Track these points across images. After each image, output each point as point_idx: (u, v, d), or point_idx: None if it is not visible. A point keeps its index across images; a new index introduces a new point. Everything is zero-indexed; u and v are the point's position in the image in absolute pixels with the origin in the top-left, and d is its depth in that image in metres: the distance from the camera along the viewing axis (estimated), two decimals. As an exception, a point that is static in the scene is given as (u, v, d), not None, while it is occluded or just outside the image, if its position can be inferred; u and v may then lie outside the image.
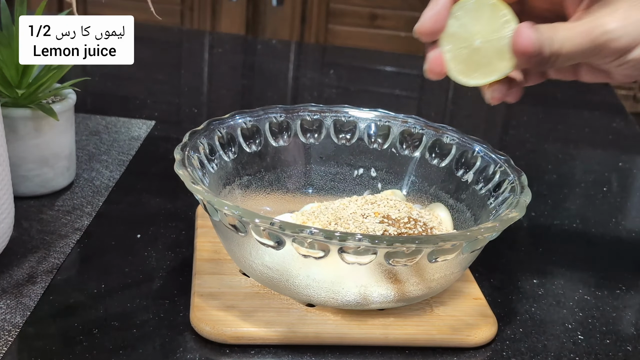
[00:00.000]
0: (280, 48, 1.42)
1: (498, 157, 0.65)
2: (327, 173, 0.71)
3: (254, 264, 0.56)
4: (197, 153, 0.61)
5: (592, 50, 0.53)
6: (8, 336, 0.53)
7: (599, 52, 0.53)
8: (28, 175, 0.71)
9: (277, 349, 0.55)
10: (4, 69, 0.68)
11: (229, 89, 1.15)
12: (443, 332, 0.57)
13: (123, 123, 0.92)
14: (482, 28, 0.54)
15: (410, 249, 0.51)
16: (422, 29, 0.54)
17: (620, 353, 0.59)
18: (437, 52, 0.55)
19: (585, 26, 0.52)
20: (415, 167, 0.70)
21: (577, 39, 0.52)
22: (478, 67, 0.55)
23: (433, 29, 0.54)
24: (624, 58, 0.53)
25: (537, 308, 0.63)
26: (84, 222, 0.69)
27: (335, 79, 1.23)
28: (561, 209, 0.83)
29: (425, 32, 0.54)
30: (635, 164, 1.01)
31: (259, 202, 0.68)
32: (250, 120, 0.68)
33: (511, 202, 0.59)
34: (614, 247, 0.77)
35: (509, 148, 0.99)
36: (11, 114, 0.68)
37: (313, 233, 0.50)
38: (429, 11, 0.54)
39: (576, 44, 0.52)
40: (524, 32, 0.52)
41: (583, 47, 0.52)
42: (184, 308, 0.58)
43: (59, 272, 0.62)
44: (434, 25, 0.54)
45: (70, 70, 0.73)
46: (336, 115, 0.71)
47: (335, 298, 0.55)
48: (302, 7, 2.19)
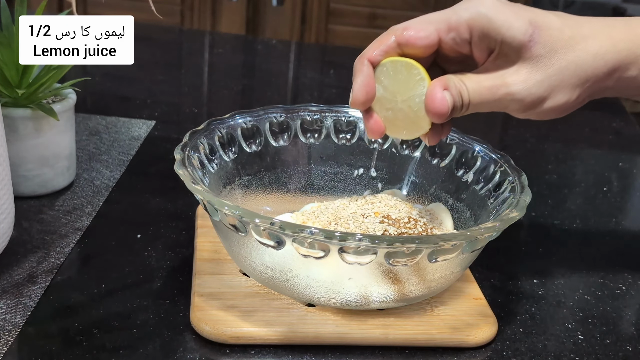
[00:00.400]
0: (280, 48, 1.42)
1: (498, 157, 0.65)
2: (327, 173, 0.71)
3: (254, 264, 0.56)
4: (197, 153, 0.61)
5: (498, 105, 0.56)
6: (8, 336, 0.53)
7: (505, 107, 0.56)
8: (28, 175, 0.71)
9: (277, 349, 0.55)
10: (4, 69, 0.68)
11: (229, 89, 1.15)
12: (443, 332, 0.57)
13: (123, 123, 0.92)
14: (401, 88, 0.56)
15: (410, 249, 0.51)
16: (356, 100, 0.57)
17: (620, 353, 0.59)
18: (374, 118, 0.58)
19: (492, 82, 0.55)
20: (415, 167, 0.70)
21: (485, 93, 0.55)
22: (404, 126, 0.58)
23: (366, 99, 0.57)
24: (532, 111, 0.56)
25: (537, 308, 0.63)
26: (84, 222, 0.69)
27: (335, 79, 1.23)
28: (561, 209, 0.83)
29: (359, 102, 0.57)
30: (635, 164, 1.01)
31: (259, 202, 0.68)
32: (250, 120, 0.68)
33: (511, 202, 0.59)
34: (614, 247, 0.77)
35: (509, 148, 0.99)
36: (11, 114, 0.68)
37: (313, 233, 0.50)
38: (357, 82, 0.56)
39: (483, 98, 0.55)
40: (437, 96, 0.54)
41: (489, 101, 0.55)
42: (184, 308, 0.58)
43: (59, 272, 0.62)
44: (366, 95, 0.57)
45: (71, 70, 0.73)
46: (336, 115, 0.71)
47: (335, 298, 0.55)
48: (302, 7, 2.19)
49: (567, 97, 0.56)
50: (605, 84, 0.56)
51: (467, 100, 0.55)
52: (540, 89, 0.55)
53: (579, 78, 0.55)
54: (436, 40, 0.55)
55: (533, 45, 0.54)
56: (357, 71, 0.56)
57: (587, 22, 0.56)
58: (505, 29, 0.53)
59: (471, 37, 0.55)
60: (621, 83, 0.57)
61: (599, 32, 0.56)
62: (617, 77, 0.56)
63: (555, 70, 0.54)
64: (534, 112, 0.56)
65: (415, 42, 0.55)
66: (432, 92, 0.54)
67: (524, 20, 0.54)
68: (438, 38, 0.55)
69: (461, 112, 0.56)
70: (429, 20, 0.55)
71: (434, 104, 0.54)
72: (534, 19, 0.54)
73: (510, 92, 0.54)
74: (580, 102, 0.57)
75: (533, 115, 0.57)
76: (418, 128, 0.57)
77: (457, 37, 0.55)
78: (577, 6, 2.30)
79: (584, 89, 0.56)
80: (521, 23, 0.53)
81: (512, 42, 0.54)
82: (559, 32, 0.54)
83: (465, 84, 0.55)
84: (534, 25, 0.54)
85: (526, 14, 0.54)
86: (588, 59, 0.55)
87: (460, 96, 0.55)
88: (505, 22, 0.53)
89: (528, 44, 0.53)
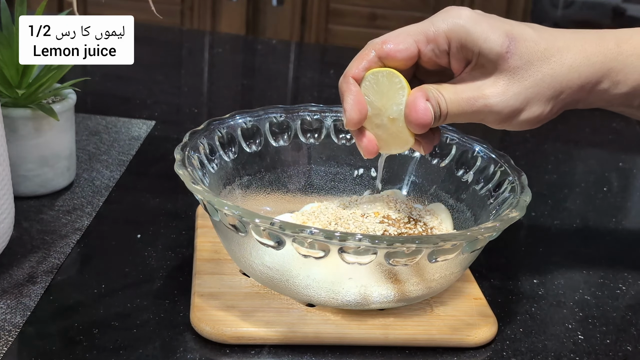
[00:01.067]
0: (280, 48, 1.42)
1: (498, 157, 0.65)
2: (327, 173, 0.71)
3: (254, 264, 0.56)
4: (197, 153, 0.61)
5: (475, 117, 0.56)
6: (8, 336, 0.53)
7: (482, 119, 0.56)
8: (28, 175, 0.71)
9: (277, 349, 0.55)
10: (4, 69, 0.68)
11: (229, 89, 1.15)
12: (443, 332, 0.57)
13: (123, 123, 0.92)
14: (384, 99, 0.57)
15: (410, 249, 0.51)
16: (351, 120, 0.57)
17: (620, 353, 0.59)
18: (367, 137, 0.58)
19: (470, 93, 0.55)
20: (415, 167, 0.70)
21: (463, 105, 0.55)
22: (393, 141, 0.58)
23: (360, 117, 0.57)
24: (508, 123, 0.57)
25: (537, 308, 0.63)
26: (84, 222, 0.69)
27: (336, 79, 1.23)
28: (561, 209, 0.83)
29: (354, 122, 0.57)
30: (635, 164, 1.01)
31: (259, 202, 0.68)
32: (250, 120, 0.68)
33: (511, 202, 0.59)
34: (614, 247, 0.77)
35: (509, 148, 0.99)
36: (11, 114, 0.68)
37: (313, 233, 0.50)
38: (348, 102, 0.57)
39: (461, 109, 0.56)
40: (420, 106, 0.55)
41: (467, 112, 0.56)
42: (184, 308, 0.58)
43: (59, 272, 0.62)
44: (359, 113, 0.57)
45: (70, 70, 0.73)
46: (336, 115, 0.71)
47: (335, 298, 0.55)
48: (302, 7, 2.19)
49: (541, 109, 0.56)
50: (578, 96, 0.57)
51: (445, 111, 0.55)
52: (517, 101, 0.55)
53: (554, 90, 0.56)
54: (416, 52, 0.56)
55: (510, 57, 0.54)
56: (345, 91, 0.57)
57: (561, 35, 0.57)
58: (482, 41, 0.54)
59: (449, 48, 0.55)
60: (594, 96, 0.58)
61: (573, 45, 0.56)
62: (590, 90, 0.57)
63: (531, 82, 0.55)
64: (510, 123, 0.57)
65: (396, 54, 0.56)
66: (414, 102, 0.55)
67: (501, 32, 0.54)
68: (417, 50, 0.56)
69: (438, 123, 0.56)
70: (408, 33, 0.56)
71: (417, 114, 0.55)
72: (510, 30, 0.54)
73: (488, 104, 0.55)
74: (554, 113, 0.57)
75: (508, 126, 0.57)
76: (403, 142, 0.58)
77: (436, 49, 0.55)
78: (577, 6, 2.30)
79: (558, 101, 0.56)
80: (498, 35, 0.54)
81: (490, 54, 0.54)
82: (534, 44, 0.55)
83: (442, 95, 0.55)
84: (510, 37, 0.54)
85: (502, 25, 0.55)
86: (563, 71, 0.55)
87: (438, 107, 0.55)
88: (482, 34, 0.54)
89: (505, 55, 0.54)
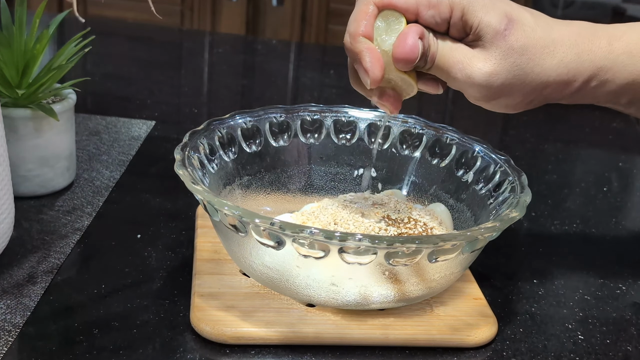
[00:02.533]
0: (280, 48, 1.42)
1: (498, 157, 0.65)
2: (327, 173, 0.71)
3: (254, 264, 0.56)
4: (197, 153, 0.61)
5: (455, 83, 0.56)
6: (8, 336, 0.53)
7: (462, 89, 0.56)
8: (28, 175, 0.71)
9: (277, 349, 0.55)
10: (4, 69, 0.68)
11: (229, 89, 1.15)
12: (443, 332, 0.57)
13: (123, 123, 0.92)
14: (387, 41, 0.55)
15: (410, 249, 0.51)
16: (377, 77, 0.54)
17: (620, 353, 0.59)
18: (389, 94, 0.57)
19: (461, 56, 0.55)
20: (415, 167, 0.70)
21: (450, 62, 0.55)
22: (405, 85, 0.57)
23: (382, 73, 0.54)
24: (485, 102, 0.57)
25: (537, 308, 0.63)
26: (84, 222, 0.69)
27: (335, 79, 1.23)
28: (561, 209, 0.83)
29: (379, 79, 0.54)
30: (635, 164, 1.01)
31: (259, 202, 0.68)
32: (250, 120, 0.68)
33: (511, 202, 0.59)
34: (614, 247, 0.77)
35: (509, 148, 0.99)
36: (11, 114, 0.68)
37: (313, 233, 0.50)
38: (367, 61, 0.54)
39: (446, 65, 0.55)
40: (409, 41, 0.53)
41: (449, 72, 0.55)
42: (184, 308, 0.58)
43: (59, 272, 0.62)
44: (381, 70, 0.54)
45: (70, 70, 0.73)
46: (336, 115, 0.71)
47: (336, 298, 0.55)
48: (302, 7, 2.19)
49: (522, 98, 0.56)
50: (563, 92, 0.57)
51: (433, 58, 0.55)
52: (501, 86, 0.55)
53: (540, 82, 0.55)
54: (414, 6, 0.54)
55: (506, 37, 0.54)
56: (361, 50, 0.54)
57: (557, 26, 0.56)
58: (483, 14, 0.54)
59: (451, 16, 0.55)
60: (580, 93, 0.57)
61: (567, 39, 0.56)
62: (578, 88, 0.57)
63: (520, 70, 0.54)
64: (487, 103, 0.57)
65: (396, 4, 0.54)
66: (405, 35, 0.54)
67: (501, 11, 0.54)
68: (417, 9, 0.55)
69: (423, 66, 0.55)
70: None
71: (404, 48, 0.53)
72: (509, 12, 0.54)
73: (473, 77, 0.54)
74: (534, 104, 0.57)
75: (485, 105, 0.57)
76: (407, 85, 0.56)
77: (437, 16, 0.55)
78: (577, 6, 2.30)
79: (541, 94, 0.56)
80: (497, 13, 0.54)
81: (487, 29, 0.54)
82: (531, 30, 0.54)
83: (437, 42, 0.55)
84: (509, 18, 0.54)
85: (502, 5, 0.54)
86: (553, 64, 0.55)
87: (428, 49, 0.54)
88: (483, 8, 0.54)
89: (502, 33, 0.54)
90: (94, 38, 0.75)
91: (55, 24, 0.73)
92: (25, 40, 0.70)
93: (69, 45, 0.72)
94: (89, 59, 1.16)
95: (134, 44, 1.31)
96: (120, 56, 1.24)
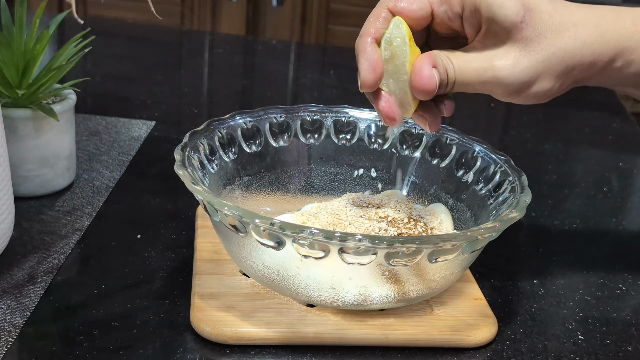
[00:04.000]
0: (280, 48, 1.42)
1: (498, 157, 0.65)
2: (327, 173, 0.71)
3: (254, 264, 0.56)
4: (197, 153, 0.61)
5: (483, 88, 0.55)
6: (8, 337, 0.53)
7: (490, 91, 0.55)
8: (28, 175, 0.71)
9: (277, 349, 0.55)
10: (4, 69, 0.68)
11: (229, 89, 1.15)
12: (443, 332, 0.57)
13: (123, 123, 0.92)
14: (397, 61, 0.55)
15: (410, 249, 0.51)
16: (367, 82, 0.55)
17: (620, 353, 0.59)
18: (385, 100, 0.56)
19: (479, 63, 0.54)
20: (415, 168, 0.70)
21: (471, 74, 0.54)
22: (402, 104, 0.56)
23: (375, 78, 0.55)
24: (516, 96, 0.56)
25: (537, 308, 0.63)
26: (84, 222, 0.69)
27: (335, 79, 1.23)
28: (561, 209, 0.83)
29: (370, 84, 0.55)
30: (635, 164, 1.01)
31: (259, 203, 0.68)
32: (250, 120, 0.68)
33: (511, 202, 0.59)
34: (614, 247, 0.77)
35: (509, 148, 0.99)
36: (11, 115, 0.68)
37: (313, 233, 0.50)
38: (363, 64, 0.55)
39: (469, 78, 0.54)
40: (425, 73, 0.53)
41: (475, 82, 0.55)
42: (184, 308, 0.58)
43: (59, 272, 0.62)
44: (374, 75, 0.55)
45: (71, 70, 0.73)
46: (336, 115, 0.71)
47: (336, 298, 0.55)
48: (302, 7, 2.19)
49: (551, 84, 0.55)
50: (590, 73, 0.56)
51: (453, 78, 0.54)
52: (528, 75, 0.54)
53: (565, 66, 0.55)
54: (429, 12, 0.55)
55: (524, 27, 0.53)
56: (360, 51, 0.55)
57: (577, 9, 0.56)
58: (497, 6, 0.53)
59: (463, 11, 0.54)
60: (606, 73, 0.57)
61: (589, 20, 0.55)
62: (603, 68, 0.56)
63: (543, 56, 0.54)
64: (518, 97, 0.56)
65: (409, 13, 0.54)
66: (420, 68, 0.54)
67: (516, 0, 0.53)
68: (431, 10, 0.55)
69: (445, 90, 0.55)
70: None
71: (422, 80, 0.53)
72: (526, 0, 0.53)
73: (497, 75, 0.54)
74: (564, 89, 0.57)
75: (516, 99, 0.56)
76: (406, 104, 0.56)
77: (449, 11, 0.54)
78: (577, 6, 2.30)
79: (569, 77, 0.56)
80: (513, 3, 0.53)
81: (504, 21, 0.53)
82: (549, 17, 0.54)
83: (452, 62, 0.54)
84: (525, 7, 0.53)
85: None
86: (576, 46, 0.54)
87: (446, 74, 0.54)
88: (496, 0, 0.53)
89: (520, 24, 0.53)
90: (94, 38, 0.75)
91: (55, 24, 0.73)
92: (25, 40, 0.70)
93: (69, 45, 0.72)
94: (89, 59, 1.16)
95: (134, 44, 1.31)
96: (120, 56, 1.24)
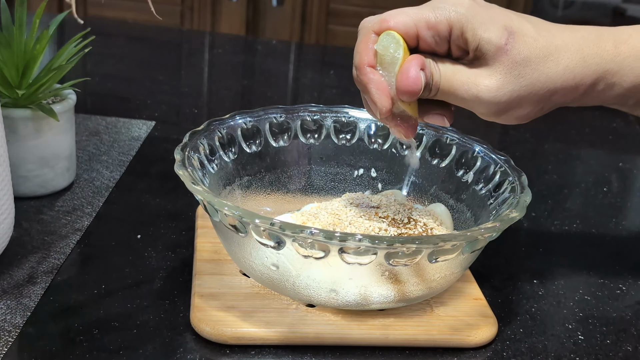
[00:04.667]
0: (280, 48, 1.42)
1: (498, 157, 0.65)
2: (327, 173, 0.71)
3: (254, 264, 0.56)
4: (197, 153, 0.61)
5: (464, 103, 0.55)
6: (8, 337, 0.53)
7: (471, 108, 0.56)
8: (28, 175, 0.71)
9: (277, 350, 0.55)
10: (4, 69, 0.68)
11: (229, 89, 1.15)
12: (443, 332, 0.57)
13: (123, 123, 0.92)
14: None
15: (410, 249, 0.51)
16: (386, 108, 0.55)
17: (620, 353, 0.59)
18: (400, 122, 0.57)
19: (466, 78, 0.55)
20: (415, 168, 0.70)
21: (455, 85, 0.55)
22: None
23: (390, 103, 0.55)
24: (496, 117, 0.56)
25: (537, 308, 0.63)
26: (84, 222, 0.69)
27: (336, 79, 1.23)
28: (561, 209, 0.83)
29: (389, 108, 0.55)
30: (635, 164, 1.01)
31: (259, 203, 0.68)
32: (250, 120, 0.68)
33: (511, 202, 0.59)
34: (614, 247, 0.77)
35: (509, 148, 0.99)
36: (11, 115, 0.68)
37: (313, 233, 0.50)
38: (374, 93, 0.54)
39: (452, 89, 0.55)
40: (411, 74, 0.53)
41: (457, 95, 0.55)
42: (184, 308, 0.58)
43: (59, 272, 0.62)
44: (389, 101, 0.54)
45: (71, 70, 0.73)
46: (336, 115, 0.71)
47: (336, 298, 0.55)
48: (302, 7, 2.19)
49: (532, 107, 0.56)
50: (572, 97, 0.57)
51: (437, 85, 0.55)
52: (510, 99, 0.55)
53: (547, 90, 0.55)
54: (415, 35, 0.55)
55: (508, 51, 0.54)
56: (367, 82, 0.55)
57: (559, 33, 0.56)
58: (482, 31, 0.53)
59: (450, 35, 0.55)
60: (588, 96, 0.57)
61: (571, 44, 0.56)
62: (584, 91, 0.57)
63: (526, 81, 0.54)
64: (498, 118, 0.56)
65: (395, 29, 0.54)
66: (407, 68, 0.54)
67: (500, 25, 0.54)
68: (417, 33, 0.55)
69: (428, 95, 0.55)
70: (407, 14, 0.55)
71: (408, 81, 0.53)
72: (509, 24, 0.54)
73: (480, 96, 0.54)
74: (545, 111, 0.57)
75: (496, 119, 0.57)
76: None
77: (436, 36, 0.55)
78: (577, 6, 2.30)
79: (549, 101, 0.56)
80: (497, 27, 0.54)
81: (488, 45, 0.53)
82: (533, 41, 0.54)
83: (439, 68, 0.55)
84: (509, 31, 0.54)
85: (502, 18, 0.54)
86: (558, 71, 0.55)
87: (432, 78, 0.54)
88: (482, 24, 0.53)
89: (503, 47, 0.53)
90: (93, 38, 0.75)
91: (55, 24, 0.73)
92: (25, 40, 0.70)
93: (69, 45, 0.72)
94: (89, 59, 1.16)
95: (134, 44, 1.31)
96: (120, 56, 1.24)
